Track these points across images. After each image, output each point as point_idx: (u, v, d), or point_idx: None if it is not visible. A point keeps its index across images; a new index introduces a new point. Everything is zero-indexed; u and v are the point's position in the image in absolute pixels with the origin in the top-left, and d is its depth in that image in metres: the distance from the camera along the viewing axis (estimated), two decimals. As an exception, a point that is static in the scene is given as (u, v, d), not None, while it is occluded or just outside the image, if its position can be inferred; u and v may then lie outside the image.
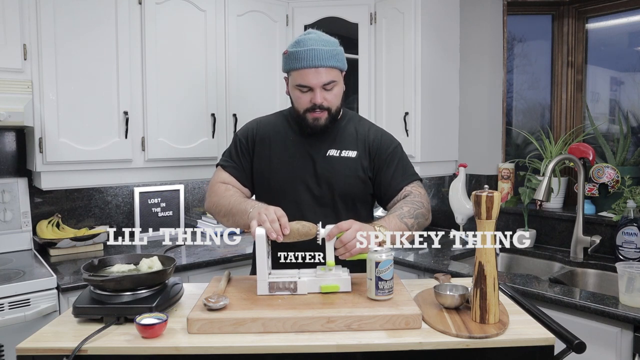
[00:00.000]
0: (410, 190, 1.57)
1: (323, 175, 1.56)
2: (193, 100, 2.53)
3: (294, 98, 1.55)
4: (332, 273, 1.29)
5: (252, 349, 1.06)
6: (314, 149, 1.58)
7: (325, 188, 1.56)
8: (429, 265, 2.19)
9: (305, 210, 1.55)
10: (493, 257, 1.14)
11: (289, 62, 1.50)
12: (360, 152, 1.59)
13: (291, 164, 1.57)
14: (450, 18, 2.77)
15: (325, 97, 1.50)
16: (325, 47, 1.47)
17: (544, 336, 1.10)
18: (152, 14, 2.37)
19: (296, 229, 1.30)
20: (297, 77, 1.50)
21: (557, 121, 2.73)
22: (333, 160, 1.57)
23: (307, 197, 1.56)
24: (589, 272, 2.17)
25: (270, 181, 1.59)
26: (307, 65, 1.46)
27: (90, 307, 1.18)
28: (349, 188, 1.57)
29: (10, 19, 2.01)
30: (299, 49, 1.48)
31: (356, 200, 1.60)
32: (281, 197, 1.56)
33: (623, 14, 2.51)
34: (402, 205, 1.49)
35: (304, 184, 1.56)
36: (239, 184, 1.61)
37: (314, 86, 1.48)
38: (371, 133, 1.63)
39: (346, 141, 1.59)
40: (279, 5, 2.80)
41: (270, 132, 1.63)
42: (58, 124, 2.15)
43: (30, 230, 2.38)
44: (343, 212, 1.56)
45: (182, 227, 2.88)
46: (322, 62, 1.46)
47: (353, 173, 1.57)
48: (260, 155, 1.60)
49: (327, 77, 1.48)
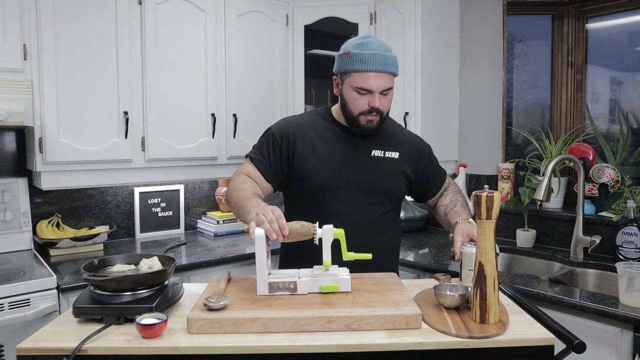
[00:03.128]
0: (447, 182, 1.79)
1: (369, 174, 1.60)
2: (193, 100, 2.53)
3: (350, 99, 1.54)
4: (331, 273, 1.29)
5: (252, 349, 1.06)
6: (358, 149, 1.61)
7: (371, 187, 1.60)
8: (429, 265, 2.19)
9: (350, 209, 1.57)
10: (493, 257, 1.14)
11: (351, 63, 1.50)
12: (401, 154, 1.65)
13: (337, 164, 1.59)
14: (450, 18, 2.77)
15: (382, 101, 1.52)
16: (388, 53, 1.51)
17: (544, 336, 1.10)
18: (152, 14, 2.37)
19: (295, 229, 1.30)
20: (358, 79, 1.50)
21: (557, 121, 2.73)
22: (378, 160, 1.62)
23: (352, 196, 1.59)
24: (589, 272, 2.17)
25: (314, 181, 1.58)
26: (372, 69, 1.48)
27: (90, 307, 1.18)
28: (393, 187, 1.64)
29: (10, 19, 2.01)
30: (364, 52, 1.48)
31: (397, 199, 1.68)
32: (326, 197, 1.58)
33: (623, 14, 2.51)
34: (457, 197, 1.71)
35: (350, 184, 1.58)
36: (262, 178, 1.60)
37: (374, 90, 1.50)
38: (407, 136, 1.73)
39: (388, 142, 1.65)
40: (279, 5, 2.80)
41: (310, 131, 1.62)
42: (58, 124, 2.15)
43: (30, 230, 2.38)
44: (385, 211, 1.64)
45: (182, 227, 2.88)
46: (385, 67, 1.49)
47: (396, 173, 1.64)
48: (303, 156, 1.59)
49: (387, 83, 1.51)
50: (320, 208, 1.57)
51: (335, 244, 1.29)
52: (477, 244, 1.15)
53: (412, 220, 2.86)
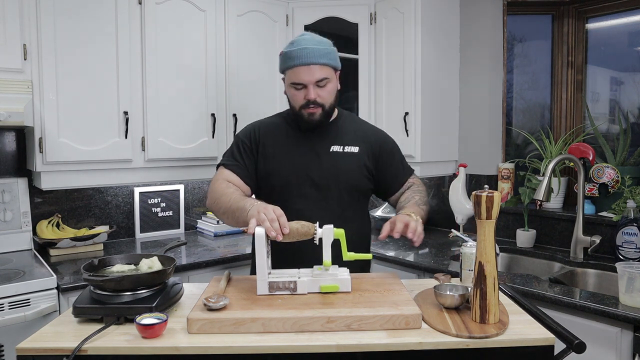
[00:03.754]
0: (411, 182, 1.75)
1: (329, 170, 1.62)
2: (193, 100, 2.53)
3: (290, 96, 1.62)
4: (331, 273, 1.29)
5: (252, 349, 1.06)
6: (318, 145, 1.64)
7: (331, 182, 1.62)
8: (429, 265, 2.19)
9: (312, 205, 1.60)
10: (493, 257, 1.14)
11: (284, 61, 1.58)
12: (362, 148, 1.67)
13: (296, 161, 1.63)
14: (450, 18, 2.77)
15: (319, 93, 1.56)
16: (318, 46, 1.55)
17: (544, 336, 1.10)
18: (152, 14, 2.37)
19: (295, 228, 1.30)
20: (291, 76, 1.57)
21: (557, 121, 2.73)
22: (337, 155, 1.64)
23: (313, 192, 1.61)
24: (589, 272, 2.17)
25: (276, 179, 1.63)
26: (300, 63, 1.53)
27: (90, 307, 1.18)
28: (354, 182, 1.65)
29: (10, 19, 2.01)
30: (292, 48, 1.55)
31: (360, 193, 1.69)
32: (287, 193, 1.62)
33: (623, 14, 2.51)
34: (414, 195, 1.66)
35: (310, 180, 1.62)
36: (241, 181, 1.64)
37: (307, 83, 1.55)
38: (370, 131, 1.74)
39: (348, 138, 1.67)
40: (279, 5, 2.80)
41: (273, 132, 1.68)
42: (58, 124, 2.15)
43: (30, 230, 2.38)
44: (348, 206, 1.65)
45: (182, 227, 2.88)
46: (314, 59, 1.53)
47: (357, 167, 1.65)
48: (265, 154, 1.65)
49: (320, 74, 1.55)
50: (283, 206, 1.56)
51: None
52: (477, 244, 1.15)
53: (412, 220, 2.85)
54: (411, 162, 2.64)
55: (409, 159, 2.78)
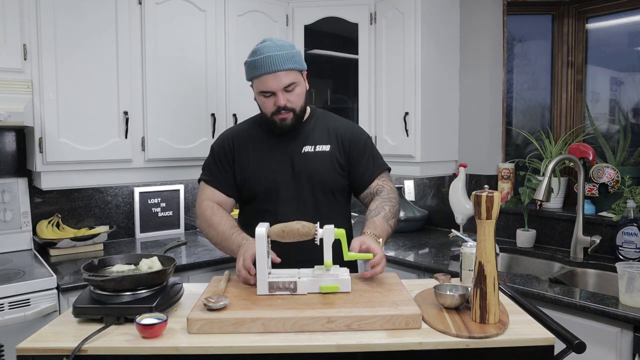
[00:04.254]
0: (382, 185, 1.68)
1: (301, 170, 1.63)
2: (193, 100, 2.53)
3: (260, 103, 1.63)
4: (332, 273, 1.29)
5: (252, 349, 1.06)
6: (290, 148, 1.65)
7: (305, 182, 1.63)
8: (429, 265, 2.19)
9: (288, 206, 1.62)
10: (493, 257, 1.14)
11: (250, 71, 1.59)
12: (333, 145, 1.67)
13: (270, 164, 1.65)
14: (450, 18, 2.77)
15: (288, 98, 1.57)
16: (280, 52, 1.54)
17: (544, 336, 1.10)
18: (152, 14, 2.37)
19: (296, 229, 1.30)
20: (259, 84, 1.58)
21: (557, 121, 2.73)
22: (309, 155, 1.65)
23: (288, 193, 1.63)
24: (589, 272, 2.17)
25: (252, 184, 1.66)
26: (265, 72, 1.54)
27: (90, 307, 1.18)
28: (327, 180, 1.66)
29: (10, 19, 2.01)
30: (255, 57, 1.56)
31: (335, 191, 1.69)
32: (265, 197, 1.65)
33: (623, 14, 2.51)
34: (384, 205, 1.59)
35: (285, 182, 1.64)
36: (223, 196, 1.68)
37: (275, 90, 1.55)
38: (341, 127, 1.72)
39: (319, 137, 1.68)
40: (279, 5, 2.80)
41: (246, 138, 1.70)
42: (58, 124, 2.15)
43: (30, 230, 2.38)
44: (324, 204, 1.66)
45: (182, 227, 2.88)
46: (279, 66, 1.53)
47: (329, 165, 1.65)
48: (240, 162, 1.67)
49: (287, 80, 1.55)
50: (263, 210, 1.64)
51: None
52: (477, 244, 1.15)
53: (412, 220, 2.86)
54: (411, 162, 2.67)
55: (409, 159, 2.78)
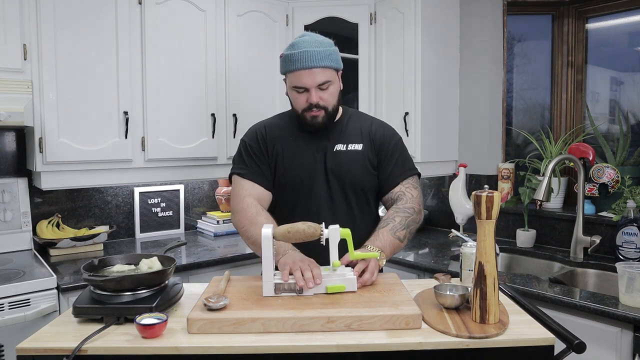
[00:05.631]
0: (403, 192, 1.62)
1: (333, 169, 1.60)
2: (193, 100, 2.53)
3: (292, 99, 1.60)
4: (338, 273, 1.29)
5: (252, 349, 1.06)
6: (322, 145, 1.62)
7: (336, 181, 1.60)
8: (429, 265, 2.19)
9: (320, 203, 1.59)
10: (493, 257, 1.14)
11: (285, 64, 1.55)
12: (365, 145, 1.64)
13: (303, 160, 1.61)
14: (450, 18, 2.77)
15: (321, 96, 1.54)
16: (318, 48, 1.51)
17: (544, 336, 1.10)
18: (152, 14, 2.37)
19: (302, 229, 1.28)
20: (293, 79, 1.54)
21: (557, 121, 2.73)
22: (341, 154, 1.62)
23: (320, 191, 1.60)
24: (589, 272, 2.17)
25: (284, 179, 1.62)
26: (301, 67, 1.50)
27: (90, 307, 1.18)
28: (358, 180, 1.62)
29: (10, 19, 2.01)
30: (293, 51, 1.52)
31: (366, 190, 1.65)
32: (296, 193, 1.61)
33: (623, 14, 2.51)
34: (394, 216, 1.53)
35: (317, 179, 1.60)
36: (262, 190, 1.61)
37: (309, 87, 1.52)
38: (374, 127, 1.68)
39: (351, 136, 1.65)
40: (279, 5, 2.80)
41: (278, 132, 1.66)
42: (58, 124, 2.15)
43: (30, 230, 2.38)
44: (355, 204, 1.63)
45: (182, 227, 2.88)
46: (315, 62, 1.50)
47: (361, 165, 1.62)
48: (273, 155, 1.63)
49: (322, 78, 1.52)
50: (293, 206, 1.61)
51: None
52: (477, 244, 1.15)
53: (412, 220, 2.85)
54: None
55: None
